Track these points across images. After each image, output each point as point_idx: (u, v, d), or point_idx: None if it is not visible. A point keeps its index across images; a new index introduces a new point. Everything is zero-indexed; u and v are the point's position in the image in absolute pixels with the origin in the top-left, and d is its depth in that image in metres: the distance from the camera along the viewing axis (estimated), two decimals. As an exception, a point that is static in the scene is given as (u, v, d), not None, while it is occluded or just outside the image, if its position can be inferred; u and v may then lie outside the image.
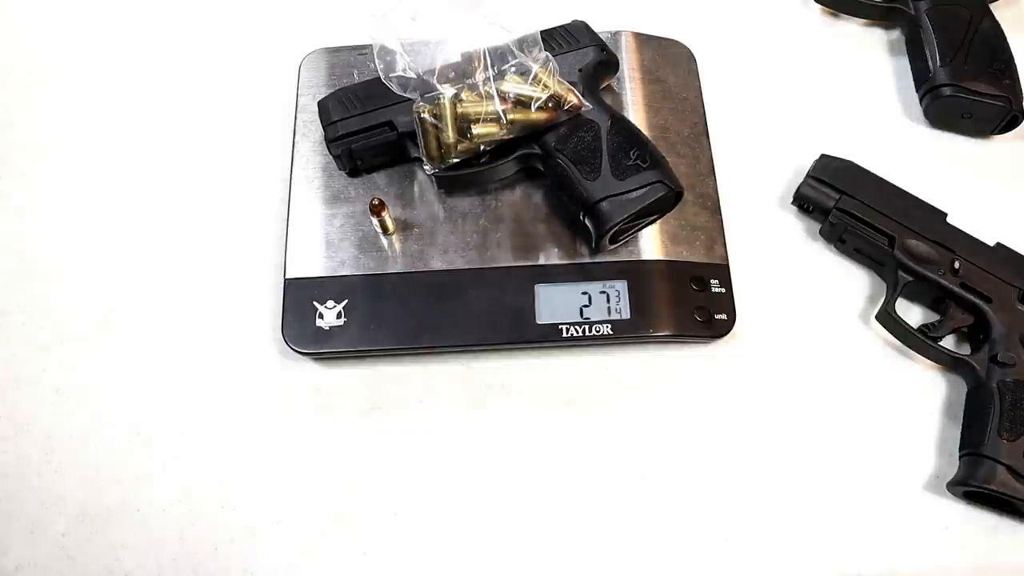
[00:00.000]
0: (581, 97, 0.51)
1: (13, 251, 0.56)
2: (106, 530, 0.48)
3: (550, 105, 0.51)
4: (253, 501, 0.49)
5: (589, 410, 0.52)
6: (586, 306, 0.52)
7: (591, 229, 0.51)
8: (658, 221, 0.54)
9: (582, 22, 0.56)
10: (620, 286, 0.52)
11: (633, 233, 0.53)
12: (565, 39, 0.55)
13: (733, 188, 0.58)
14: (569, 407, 0.52)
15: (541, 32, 0.55)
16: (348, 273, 0.53)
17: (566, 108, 0.51)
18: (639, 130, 0.53)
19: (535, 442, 0.51)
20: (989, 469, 0.47)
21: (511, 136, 0.51)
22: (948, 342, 0.54)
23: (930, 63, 0.61)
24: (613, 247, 0.53)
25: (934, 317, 0.54)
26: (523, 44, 0.51)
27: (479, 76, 0.50)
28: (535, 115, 0.50)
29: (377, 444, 0.51)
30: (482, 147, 0.51)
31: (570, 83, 0.52)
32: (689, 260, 0.54)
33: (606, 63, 0.56)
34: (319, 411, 0.52)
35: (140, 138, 0.60)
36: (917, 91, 0.63)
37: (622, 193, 0.50)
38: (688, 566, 0.48)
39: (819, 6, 0.67)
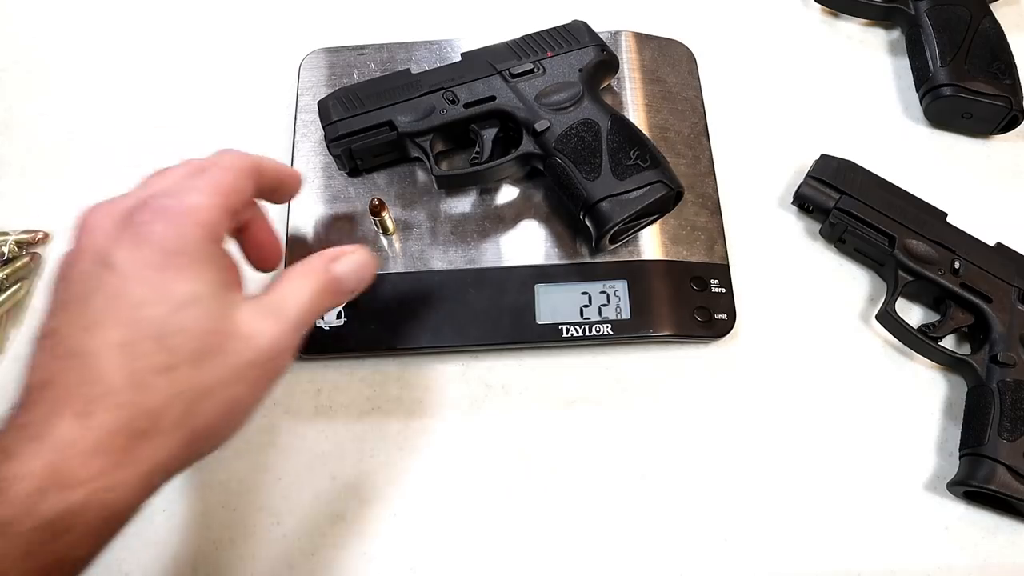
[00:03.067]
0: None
1: (13, 251, 0.56)
2: (106, 530, 0.48)
3: None
4: (253, 501, 0.49)
5: (589, 410, 0.52)
6: (586, 306, 0.52)
7: (591, 229, 0.51)
8: (658, 221, 0.54)
9: (582, 22, 0.56)
10: (620, 286, 0.52)
11: (633, 233, 0.53)
12: (565, 39, 0.55)
13: (733, 188, 0.58)
14: (569, 407, 0.52)
15: (541, 32, 0.55)
16: (348, 273, 0.52)
17: None
18: (639, 130, 0.53)
19: (535, 442, 0.51)
20: (989, 469, 0.47)
21: None
22: (948, 342, 0.54)
23: (930, 63, 0.61)
24: (613, 247, 0.53)
25: (934, 317, 0.54)
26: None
27: None
28: None
29: (377, 444, 0.51)
30: None
31: (570, 82, 0.52)
32: (689, 260, 0.54)
33: (606, 63, 0.56)
34: (319, 411, 0.52)
35: (140, 138, 0.60)
36: (917, 91, 0.63)
37: (622, 193, 0.50)
38: (688, 566, 0.48)
39: (819, 6, 0.67)
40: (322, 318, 0.51)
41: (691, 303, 0.52)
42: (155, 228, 0.36)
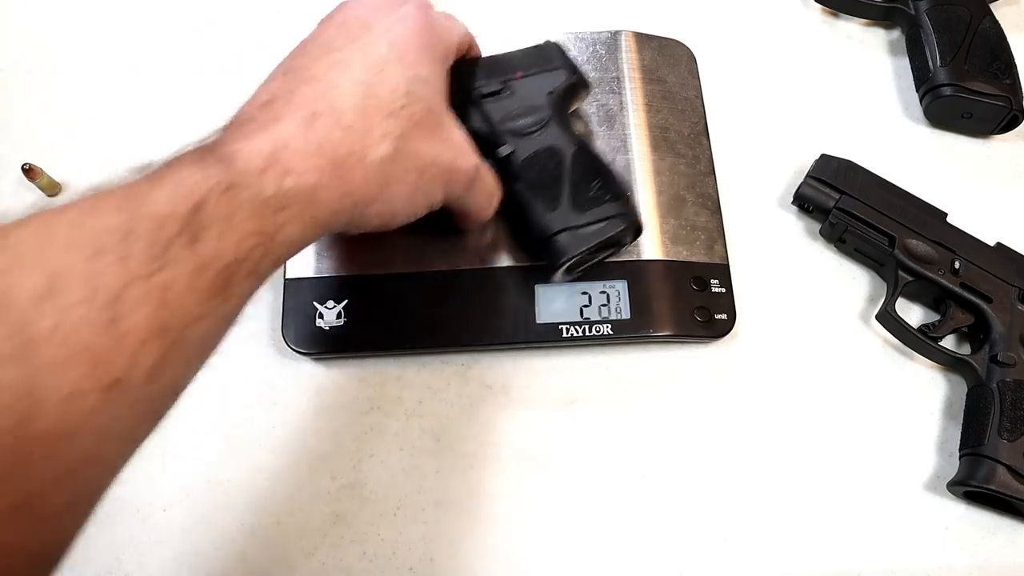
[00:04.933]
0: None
1: (13, 251, 0.56)
2: (106, 530, 0.48)
3: None
4: (253, 501, 0.49)
5: (589, 410, 0.52)
6: (586, 306, 0.52)
7: (547, 259, 0.49)
8: (658, 222, 0.54)
9: (555, 43, 0.54)
10: (620, 286, 0.52)
11: (591, 265, 0.51)
12: (536, 60, 0.52)
13: (733, 188, 0.58)
14: (569, 407, 0.52)
15: (512, 53, 0.53)
16: (348, 273, 0.52)
17: None
18: (603, 159, 0.51)
19: (535, 442, 0.51)
20: (989, 469, 0.47)
21: None
22: (948, 342, 0.54)
23: (930, 63, 0.61)
24: (569, 279, 0.51)
25: (934, 317, 0.54)
26: None
27: None
28: None
29: (377, 444, 0.51)
30: None
31: (538, 106, 0.51)
32: (689, 260, 0.54)
33: (576, 87, 0.53)
34: (319, 411, 0.52)
35: (140, 139, 0.60)
36: (917, 91, 0.63)
37: (581, 226, 0.48)
38: (688, 566, 0.48)
39: (819, 6, 0.67)
40: (322, 317, 0.51)
41: (691, 303, 0.52)
42: (420, 17, 0.43)
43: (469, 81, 0.51)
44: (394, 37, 0.41)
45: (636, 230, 0.50)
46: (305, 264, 0.53)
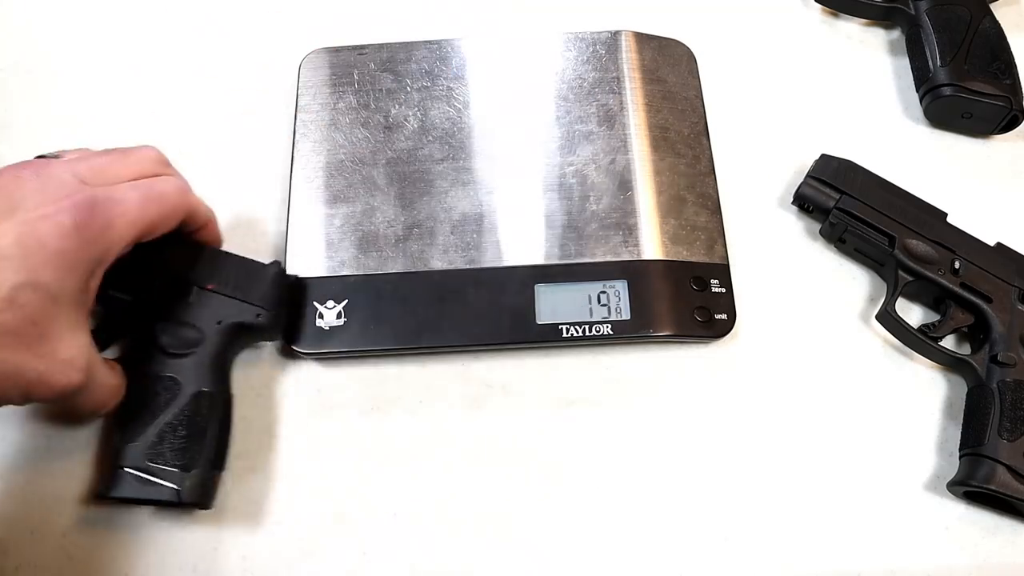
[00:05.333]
0: None
1: (13, 251, 0.56)
2: (106, 530, 0.48)
3: None
4: (253, 501, 0.49)
5: (589, 410, 0.52)
6: (586, 306, 0.52)
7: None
8: (658, 222, 0.54)
9: (278, 272, 0.49)
10: (620, 286, 0.52)
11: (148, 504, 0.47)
12: (241, 280, 0.48)
13: (733, 188, 0.58)
14: (569, 407, 0.52)
15: (230, 258, 0.50)
16: (348, 273, 0.53)
17: None
18: (216, 422, 0.47)
19: (535, 442, 0.51)
20: (989, 469, 0.47)
21: None
22: (948, 342, 0.54)
23: (930, 63, 0.61)
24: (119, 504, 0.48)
25: (934, 317, 0.54)
26: None
27: None
28: None
29: (377, 444, 0.51)
30: None
31: (201, 329, 0.47)
32: (689, 260, 0.54)
33: (254, 329, 0.48)
34: (319, 411, 0.52)
35: (140, 138, 0.60)
36: (917, 91, 0.63)
37: (140, 473, 0.44)
38: (688, 566, 0.48)
39: (819, 6, 0.67)
40: (322, 317, 0.51)
41: (691, 303, 0.52)
42: (76, 216, 0.38)
43: (154, 268, 0.46)
44: (30, 232, 0.37)
45: (193, 505, 0.46)
46: (305, 264, 0.53)
